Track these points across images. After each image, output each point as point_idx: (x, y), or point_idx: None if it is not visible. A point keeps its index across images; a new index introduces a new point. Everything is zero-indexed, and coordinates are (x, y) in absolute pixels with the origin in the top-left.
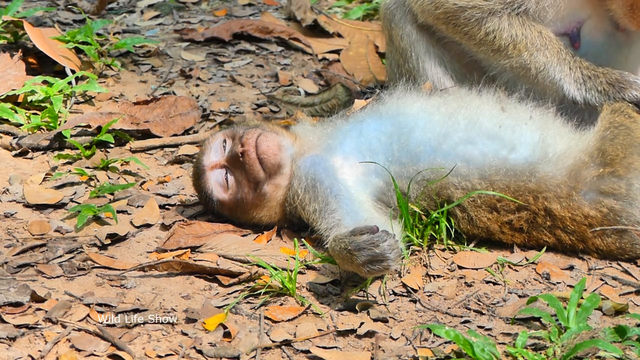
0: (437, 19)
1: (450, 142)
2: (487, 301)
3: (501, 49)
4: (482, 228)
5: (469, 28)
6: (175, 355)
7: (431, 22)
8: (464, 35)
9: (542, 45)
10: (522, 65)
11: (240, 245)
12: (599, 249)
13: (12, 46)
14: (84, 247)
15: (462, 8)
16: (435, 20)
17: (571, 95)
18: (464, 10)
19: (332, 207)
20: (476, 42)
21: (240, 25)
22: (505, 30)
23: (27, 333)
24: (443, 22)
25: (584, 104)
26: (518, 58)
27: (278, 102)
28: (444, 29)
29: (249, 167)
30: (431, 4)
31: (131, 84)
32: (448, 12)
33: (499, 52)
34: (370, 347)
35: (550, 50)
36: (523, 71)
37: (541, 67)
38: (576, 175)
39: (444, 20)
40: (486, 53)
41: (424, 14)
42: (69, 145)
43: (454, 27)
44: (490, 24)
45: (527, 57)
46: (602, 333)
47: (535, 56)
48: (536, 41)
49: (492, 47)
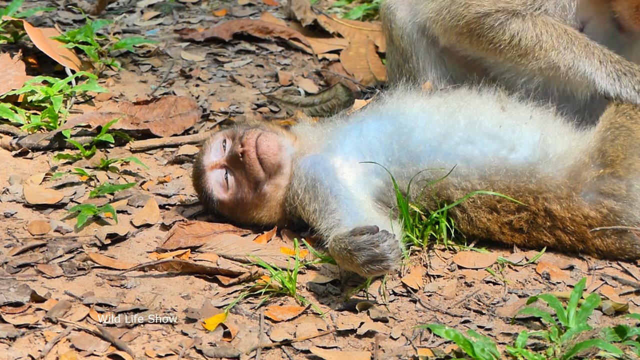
0: (461, 34)
1: (451, 141)
2: (487, 301)
3: (528, 51)
4: (482, 228)
5: (493, 34)
6: (175, 355)
7: (454, 40)
8: (489, 45)
9: (568, 42)
10: (551, 65)
11: (240, 245)
12: (599, 250)
13: (12, 46)
14: (84, 247)
15: (485, 14)
16: (458, 37)
17: (603, 89)
18: (487, 15)
19: (332, 207)
20: (502, 50)
21: (240, 25)
22: (529, 31)
23: (27, 333)
24: (467, 36)
25: (616, 99)
26: (546, 58)
27: (278, 102)
28: (468, 45)
29: (249, 167)
30: (452, 18)
31: (131, 84)
32: (470, 22)
33: (525, 55)
34: (370, 347)
35: (578, 45)
36: (552, 71)
37: (570, 64)
38: (576, 176)
39: (468, 34)
40: (513, 60)
41: (447, 33)
42: (69, 145)
43: (477, 38)
44: (515, 26)
45: (555, 55)
46: (602, 333)
47: (563, 54)
48: (562, 38)
49: (518, 52)
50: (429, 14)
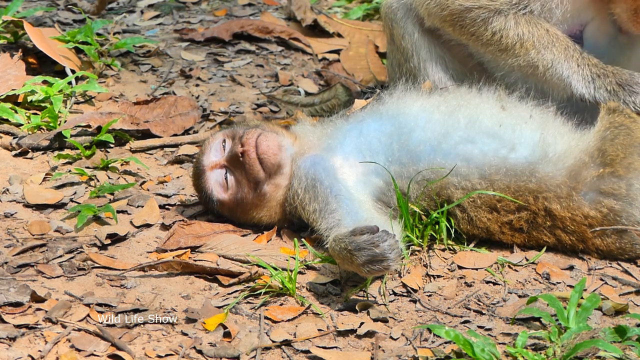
0: (444, 21)
1: (450, 141)
2: (487, 301)
3: (508, 48)
4: (482, 228)
5: (475, 29)
6: (175, 355)
7: (438, 24)
8: (471, 37)
9: (549, 42)
10: (530, 64)
11: (240, 245)
12: (599, 249)
13: (12, 46)
14: (84, 247)
15: (468, 9)
16: (442, 23)
17: (579, 92)
18: (470, 10)
19: (332, 207)
20: (483, 43)
21: (240, 25)
22: (511, 29)
23: (27, 333)
24: (450, 25)
25: (592, 103)
26: (525, 56)
27: (278, 102)
28: (451, 31)
29: (249, 167)
30: (437, 6)
31: (131, 84)
32: (454, 14)
33: (505, 51)
34: (370, 347)
35: (558, 47)
36: (531, 69)
37: (549, 65)
38: (576, 176)
39: (451, 22)
40: (493, 53)
41: (431, 17)
42: (69, 145)
43: (460, 28)
44: (497, 24)
45: (535, 54)
46: (602, 333)
47: (542, 54)
48: (543, 39)
49: (499, 47)
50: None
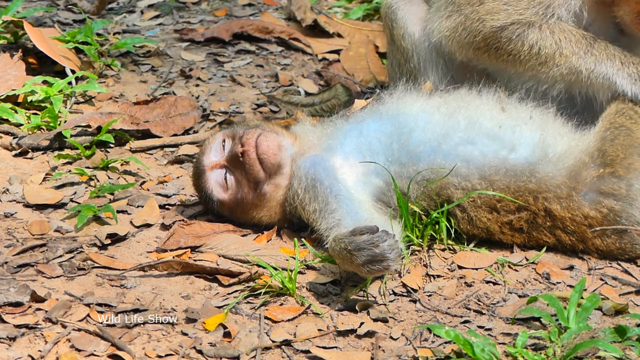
0: (478, 49)
1: (450, 142)
2: (487, 301)
3: (548, 59)
4: (482, 228)
5: (512, 46)
6: (175, 355)
7: (472, 55)
8: (508, 57)
9: (588, 45)
10: (573, 70)
11: (240, 245)
12: (599, 249)
13: (12, 46)
14: (84, 247)
15: (501, 28)
16: (476, 52)
17: (623, 89)
18: (503, 29)
19: (332, 207)
20: (521, 60)
21: (240, 25)
22: (548, 39)
23: (27, 333)
24: (485, 50)
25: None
26: (567, 64)
27: (278, 102)
28: (487, 58)
29: (249, 167)
30: (468, 35)
31: (131, 84)
32: (487, 37)
33: (546, 63)
34: (370, 347)
35: (597, 48)
36: (574, 76)
37: (592, 67)
38: (576, 176)
39: (485, 48)
40: (534, 69)
41: (463, 49)
42: (69, 145)
43: (496, 51)
44: (532, 36)
45: (576, 60)
46: (602, 333)
47: (584, 58)
48: (581, 43)
49: (538, 61)
50: (444, 32)
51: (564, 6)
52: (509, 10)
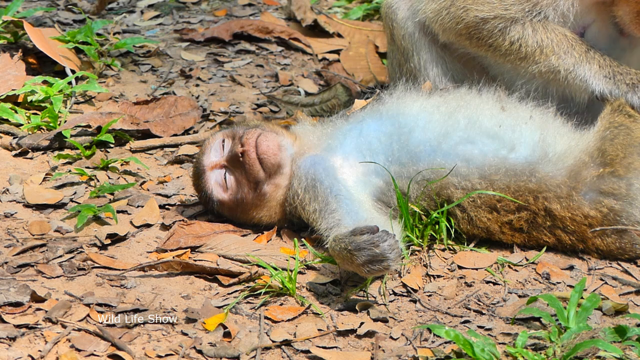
0: (460, 34)
1: (450, 141)
2: (487, 301)
3: (528, 55)
4: (482, 228)
5: (493, 40)
6: (175, 355)
7: (454, 39)
8: (489, 48)
9: (569, 46)
10: (551, 69)
11: (240, 245)
12: (599, 249)
13: (12, 46)
14: (84, 247)
15: (484, 20)
16: (457, 37)
17: (600, 91)
18: (486, 21)
19: (332, 207)
20: (502, 53)
21: (240, 25)
22: (530, 37)
23: (27, 333)
24: (466, 38)
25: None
26: (546, 62)
27: (278, 102)
28: (468, 45)
29: (249, 167)
30: (451, 20)
31: (131, 84)
32: (470, 26)
33: (525, 59)
34: (370, 347)
35: (578, 50)
36: (552, 75)
37: (570, 68)
38: (576, 175)
39: (467, 36)
40: (513, 62)
41: (446, 32)
42: (69, 145)
43: (477, 40)
44: (514, 33)
45: (555, 60)
46: (602, 333)
47: (563, 58)
48: (562, 43)
49: (518, 56)
50: (428, 13)
51: (552, 5)
52: (495, 3)
